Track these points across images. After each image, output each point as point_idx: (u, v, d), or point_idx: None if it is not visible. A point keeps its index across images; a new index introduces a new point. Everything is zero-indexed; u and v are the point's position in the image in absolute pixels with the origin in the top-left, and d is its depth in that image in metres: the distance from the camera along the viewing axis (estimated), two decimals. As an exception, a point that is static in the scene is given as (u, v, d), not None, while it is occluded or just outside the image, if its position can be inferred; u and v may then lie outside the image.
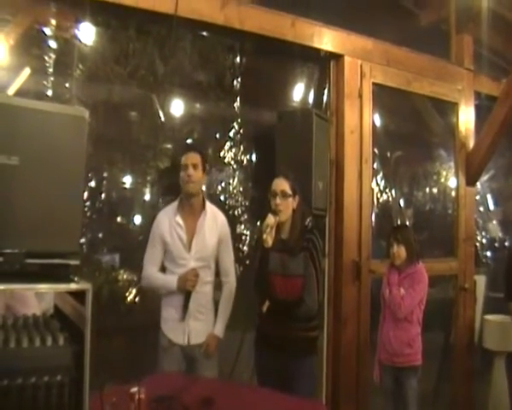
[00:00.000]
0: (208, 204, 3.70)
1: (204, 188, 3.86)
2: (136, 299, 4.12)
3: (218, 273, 3.77)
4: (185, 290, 3.50)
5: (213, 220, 3.68)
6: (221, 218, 3.76)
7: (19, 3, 3.80)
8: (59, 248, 2.32)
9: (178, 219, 3.59)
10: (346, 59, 4.58)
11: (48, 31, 3.84)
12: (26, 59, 3.83)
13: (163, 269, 3.65)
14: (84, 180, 2.68)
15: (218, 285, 3.77)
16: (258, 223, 3.77)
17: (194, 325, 3.58)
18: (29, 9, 3.91)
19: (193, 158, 3.57)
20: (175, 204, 3.66)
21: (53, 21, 3.85)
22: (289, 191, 3.51)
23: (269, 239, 3.39)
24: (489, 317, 5.57)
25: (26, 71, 3.76)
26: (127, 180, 4.20)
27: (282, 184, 3.51)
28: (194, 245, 3.58)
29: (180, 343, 3.57)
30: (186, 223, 3.60)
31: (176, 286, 3.51)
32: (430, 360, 5.89)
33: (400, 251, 4.03)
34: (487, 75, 5.63)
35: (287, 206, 3.50)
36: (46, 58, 3.81)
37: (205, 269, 3.60)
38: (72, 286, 2.29)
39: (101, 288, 3.98)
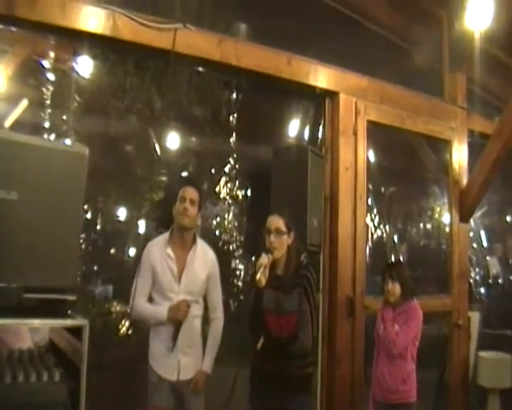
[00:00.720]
0: (198, 239, 3.68)
1: (198, 222, 3.83)
2: (130, 331, 4.09)
3: (205, 309, 3.73)
4: (176, 321, 3.44)
5: (203, 256, 3.66)
6: (210, 254, 3.74)
7: (17, 35, 3.83)
8: (56, 284, 2.32)
9: (169, 251, 3.56)
10: (341, 96, 4.63)
11: (46, 63, 3.89)
12: (24, 90, 3.87)
13: (150, 301, 3.59)
14: (82, 216, 2.69)
15: (205, 320, 3.73)
16: (253, 258, 3.75)
17: (184, 361, 3.53)
18: (27, 41, 3.95)
19: (191, 193, 3.56)
20: (166, 236, 3.63)
21: (51, 54, 3.90)
22: (284, 228, 3.49)
23: (262, 279, 3.36)
24: (483, 354, 5.55)
25: (24, 102, 3.79)
26: (122, 213, 4.21)
27: (276, 222, 3.50)
28: (183, 278, 3.54)
29: (169, 379, 3.52)
30: (177, 255, 3.57)
31: (166, 317, 3.45)
32: (425, 397, 5.85)
33: (395, 288, 4.02)
34: (480, 113, 5.69)
35: (281, 243, 3.49)
36: (44, 90, 3.85)
37: (193, 303, 3.56)
38: (69, 322, 2.29)
39: (95, 320, 3.94)
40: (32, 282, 2.26)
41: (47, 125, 3.80)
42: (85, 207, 3.86)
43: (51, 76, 3.83)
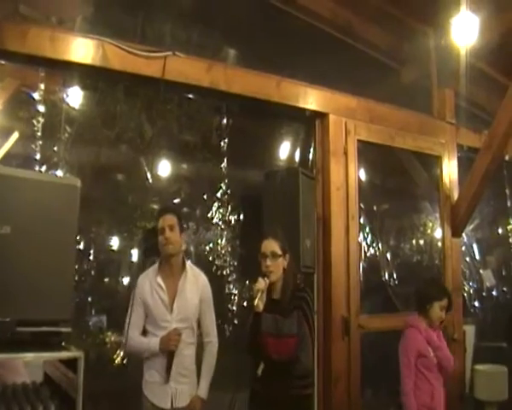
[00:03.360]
0: (189, 264, 3.68)
1: (184, 247, 3.80)
2: (124, 361, 4.07)
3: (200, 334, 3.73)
4: (168, 351, 3.44)
5: (194, 281, 3.65)
6: (202, 278, 3.73)
7: (7, 68, 3.85)
8: (50, 316, 2.33)
9: (159, 280, 3.56)
10: (331, 117, 4.66)
11: (36, 95, 3.89)
12: (14, 123, 3.88)
13: (144, 333, 3.58)
14: (75, 248, 2.69)
15: (200, 346, 3.72)
16: (248, 282, 3.76)
17: (178, 388, 3.51)
18: (17, 73, 3.97)
19: (169, 220, 3.55)
20: (155, 266, 3.64)
21: (41, 85, 3.90)
22: (279, 252, 3.51)
23: (260, 304, 3.37)
24: (479, 367, 5.56)
25: (15, 135, 3.80)
26: (115, 242, 4.20)
27: (271, 245, 3.52)
28: (175, 306, 3.53)
29: (163, 407, 3.49)
30: (167, 284, 3.57)
31: (158, 347, 3.45)
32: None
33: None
34: (468, 128, 5.74)
35: (277, 266, 3.50)
36: (34, 122, 3.85)
37: (187, 330, 3.55)
38: (64, 354, 2.29)
39: (89, 351, 3.93)
40: (26, 315, 2.26)
41: (38, 156, 3.80)
42: (77, 237, 3.85)
43: (41, 108, 3.83)
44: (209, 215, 4.46)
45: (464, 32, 4.62)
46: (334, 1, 5.23)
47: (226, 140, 4.49)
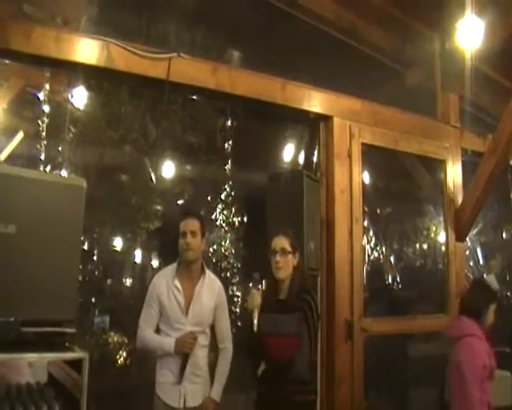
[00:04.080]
0: (207, 270, 3.69)
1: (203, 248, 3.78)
2: (128, 361, 4.07)
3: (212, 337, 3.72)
4: (183, 353, 3.45)
5: (211, 286, 3.66)
6: (218, 284, 3.74)
7: (12, 68, 3.86)
8: (55, 316, 2.32)
9: (176, 282, 3.56)
10: (336, 120, 4.65)
11: (41, 95, 3.90)
12: (20, 123, 3.88)
13: (157, 331, 3.59)
14: (80, 248, 2.68)
15: (212, 349, 3.72)
16: (251, 284, 3.76)
17: (190, 388, 3.52)
18: (22, 74, 3.98)
19: (192, 225, 3.55)
20: (173, 267, 3.63)
21: (46, 86, 3.91)
22: (289, 248, 3.52)
23: (255, 322, 3.39)
24: (482, 372, 5.53)
25: (20, 135, 3.80)
26: (118, 242, 4.20)
27: (281, 242, 3.52)
28: (191, 310, 3.54)
29: (175, 406, 3.49)
30: (184, 287, 3.57)
31: (173, 349, 3.45)
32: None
33: None
34: (473, 132, 5.72)
35: (287, 263, 3.51)
36: (39, 122, 3.85)
37: (201, 334, 3.56)
38: (69, 355, 2.29)
39: (93, 351, 3.92)
40: (30, 315, 2.25)
41: (43, 156, 3.80)
42: (82, 238, 3.85)
43: (46, 108, 3.84)
44: (213, 217, 4.46)
45: (469, 35, 4.62)
46: (338, 3, 5.23)
47: (230, 142, 4.49)
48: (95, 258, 4.00)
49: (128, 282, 4.23)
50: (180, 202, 4.41)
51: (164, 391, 3.53)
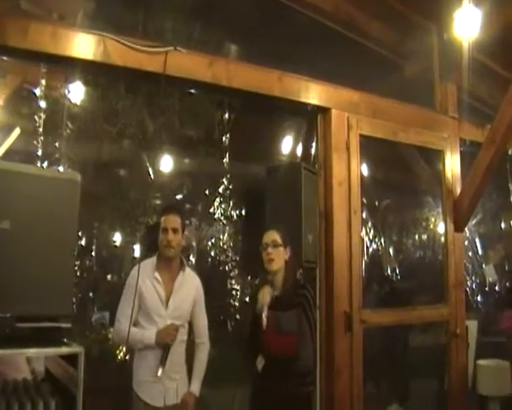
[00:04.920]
0: (186, 265, 3.69)
1: (183, 243, 3.77)
2: (127, 357, 4.07)
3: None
4: (164, 345, 3.42)
5: (190, 281, 3.68)
6: (197, 280, 3.76)
7: (8, 64, 3.84)
8: (51, 311, 2.33)
9: (157, 275, 3.56)
10: (333, 112, 4.64)
11: (38, 91, 3.89)
12: (16, 119, 3.87)
13: (135, 325, 3.52)
14: (76, 243, 2.68)
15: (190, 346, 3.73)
16: (249, 277, 3.77)
17: (170, 385, 3.52)
18: (19, 70, 3.97)
19: (173, 222, 3.54)
20: (153, 260, 3.62)
21: (43, 81, 3.90)
22: (280, 241, 3.55)
23: (265, 320, 3.40)
24: (482, 362, 5.55)
25: (17, 131, 3.79)
26: (117, 237, 4.20)
27: (272, 235, 3.57)
28: (171, 303, 3.54)
29: (156, 405, 3.48)
30: (164, 280, 3.57)
31: (154, 340, 3.43)
32: (425, 406, 5.87)
33: None
34: (471, 122, 5.71)
35: (278, 255, 3.54)
36: (36, 118, 3.85)
37: (180, 328, 3.55)
38: (64, 350, 2.30)
39: (92, 347, 3.93)
40: (26, 311, 2.26)
41: (40, 152, 3.80)
42: (80, 233, 3.86)
43: (43, 104, 3.83)
44: (211, 210, 4.46)
45: (466, 25, 4.61)
46: (335, -6, 5.21)
47: (228, 135, 4.48)
48: (93, 254, 4.00)
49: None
50: (178, 196, 4.40)
51: (143, 390, 3.51)
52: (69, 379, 2.34)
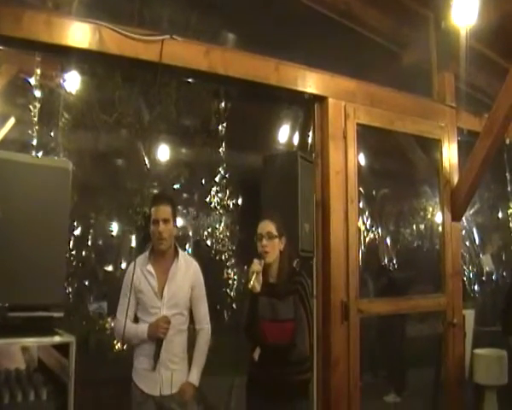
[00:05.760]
0: (181, 252, 3.66)
1: (175, 232, 3.72)
2: (125, 347, 4.07)
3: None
4: (156, 338, 3.41)
5: (186, 268, 3.64)
6: (194, 265, 3.71)
7: (3, 53, 3.82)
8: (43, 301, 2.32)
9: (149, 267, 3.55)
10: (330, 101, 4.61)
11: (33, 80, 3.87)
12: (11, 108, 3.85)
13: (136, 320, 3.56)
14: (68, 232, 2.67)
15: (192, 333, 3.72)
16: (246, 267, 3.76)
17: (167, 375, 3.49)
18: (14, 59, 3.94)
19: (163, 212, 3.51)
20: (146, 253, 3.61)
21: (38, 71, 3.87)
22: (275, 232, 3.52)
23: (256, 285, 3.37)
24: (479, 351, 5.56)
25: (11, 121, 3.77)
26: (114, 227, 4.19)
27: (267, 226, 3.53)
28: (166, 293, 3.52)
29: (152, 394, 3.48)
30: (157, 271, 3.55)
31: (146, 334, 3.43)
32: (422, 396, 5.90)
33: None
34: (469, 111, 5.69)
35: (273, 247, 3.51)
36: (31, 107, 3.83)
37: (178, 316, 3.54)
38: (55, 339, 2.29)
39: (89, 337, 3.92)
40: (18, 300, 2.25)
41: (35, 142, 3.78)
42: (76, 223, 3.85)
43: (38, 93, 3.81)
44: (207, 200, 4.45)
45: (464, 14, 4.59)
46: (333, -17, 5.18)
47: (224, 124, 4.47)
48: (89, 243, 3.99)
49: (125, 267, 4.22)
50: (175, 185, 4.39)
51: (140, 378, 3.52)
52: (61, 369, 2.34)
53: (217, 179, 4.49)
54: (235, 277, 4.49)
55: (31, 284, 2.29)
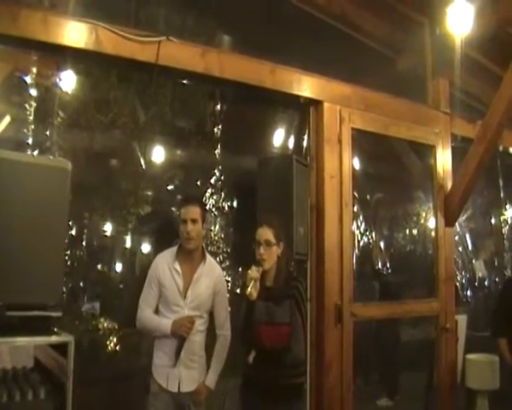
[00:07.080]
0: (208, 256, 3.68)
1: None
2: (118, 347, 4.06)
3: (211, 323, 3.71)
4: (179, 336, 3.45)
5: (211, 272, 3.65)
6: (218, 270, 3.74)
7: (-1, 52, 3.80)
8: (40, 300, 2.31)
9: (176, 265, 3.56)
10: (326, 105, 4.64)
11: (28, 79, 3.85)
12: (7, 107, 3.83)
13: (157, 312, 3.58)
14: (66, 232, 2.66)
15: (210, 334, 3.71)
16: (241, 269, 3.76)
17: (186, 373, 3.52)
18: (9, 57, 3.92)
19: (192, 213, 3.53)
20: (174, 249, 3.63)
21: (34, 69, 3.86)
22: (273, 240, 3.49)
23: (253, 292, 3.36)
24: (471, 356, 5.58)
25: (6, 119, 3.76)
26: (108, 228, 4.18)
27: (265, 234, 3.50)
28: (189, 294, 3.53)
29: (170, 390, 3.50)
30: (184, 271, 3.57)
31: (170, 330, 3.45)
32: (414, 400, 5.90)
33: None
34: (463, 118, 5.73)
35: (271, 255, 3.49)
36: (27, 106, 3.82)
37: (198, 318, 3.55)
38: (54, 339, 2.28)
39: (82, 337, 3.91)
40: (15, 299, 2.24)
41: (30, 141, 3.77)
42: (70, 223, 3.83)
43: (34, 92, 3.80)
44: (202, 202, 4.43)
45: (459, 21, 4.62)
46: (328, -12, 5.21)
47: (220, 126, 4.47)
48: (84, 243, 3.98)
49: (118, 268, 4.21)
50: (170, 187, 4.39)
51: (159, 374, 3.53)
52: (59, 368, 2.33)
53: (212, 181, 4.48)
54: (230, 279, 4.49)
55: (28, 284, 2.28)
